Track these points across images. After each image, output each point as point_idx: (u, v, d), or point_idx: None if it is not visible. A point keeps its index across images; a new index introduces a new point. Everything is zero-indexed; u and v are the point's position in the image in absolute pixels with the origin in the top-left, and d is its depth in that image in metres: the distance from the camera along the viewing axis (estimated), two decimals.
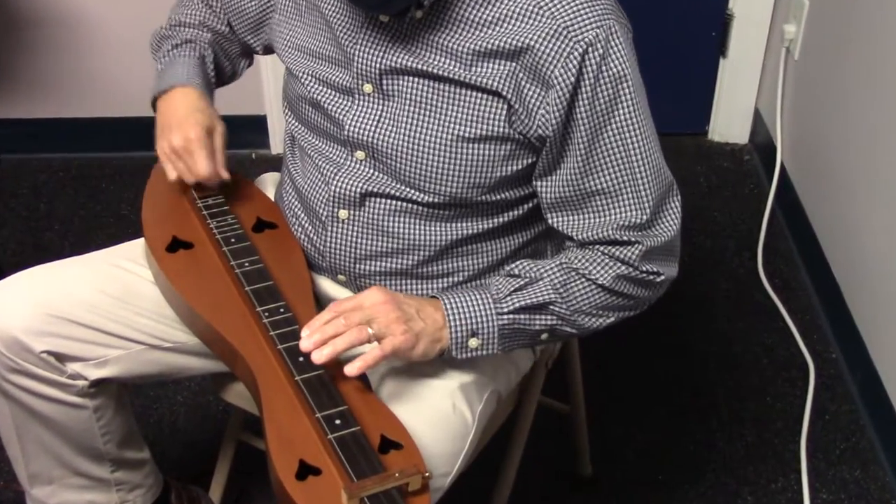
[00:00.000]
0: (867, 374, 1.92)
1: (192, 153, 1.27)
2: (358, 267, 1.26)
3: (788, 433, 1.89)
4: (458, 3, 1.13)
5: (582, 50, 1.09)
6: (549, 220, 1.21)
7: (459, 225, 1.23)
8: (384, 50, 1.17)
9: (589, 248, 1.18)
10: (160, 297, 1.28)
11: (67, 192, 2.53)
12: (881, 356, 1.89)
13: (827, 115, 2.22)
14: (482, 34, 1.12)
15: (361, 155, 1.22)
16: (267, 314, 1.16)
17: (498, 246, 1.26)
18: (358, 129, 1.21)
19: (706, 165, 2.66)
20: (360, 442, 1.01)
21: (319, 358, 1.06)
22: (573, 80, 1.09)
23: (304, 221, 1.31)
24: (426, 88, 1.16)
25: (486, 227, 1.24)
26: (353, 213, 1.24)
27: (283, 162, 1.40)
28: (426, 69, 1.14)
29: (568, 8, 1.10)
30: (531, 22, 1.10)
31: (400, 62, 1.16)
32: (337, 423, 1.03)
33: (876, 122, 1.95)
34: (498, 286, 1.17)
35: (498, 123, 1.14)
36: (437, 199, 1.20)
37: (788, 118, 2.48)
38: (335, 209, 1.25)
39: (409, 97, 1.17)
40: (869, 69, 1.99)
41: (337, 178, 1.23)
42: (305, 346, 1.08)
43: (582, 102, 1.11)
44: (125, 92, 2.55)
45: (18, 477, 1.36)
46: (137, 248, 1.35)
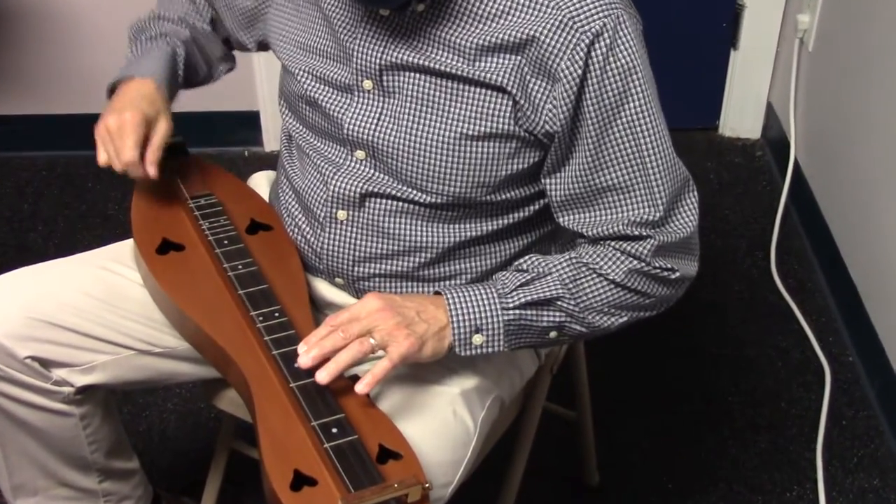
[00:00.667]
0: (886, 377, 1.92)
1: (121, 136, 1.26)
2: (356, 269, 1.26)
3: (804, 440, 1.89)
4: None
5: (588, 41, 1.09)
6: (559, 219, 1.21)
7: (462, 226, 1.23)
8: (384, 45, 1.17)
9: (600, 243, 1.18)
10: (149, 300, 1.28)
11: (52, 191, 2.53)
12: None
13: (843, 108, 2.22)
14: (486, 28, 1.12)
15: (361, 154, 1.22)
16: (261, 318, 1.16)
17: (502, 248, 1.26)
18: (357, 127, 1.21)
19: (717, 161, 2.66)
20: (357, 451, 1.01)
21: (324, 378, 1.06)
22: (580, 72, 1.09)
23: (300, 222, 1.31)
24: (428, 85, 1.16)
25: (490, 228, 1.24)
26: (351, 213, 1.24)
27: (278, 161, 1.40)
28: (428, 65, 1.15)
29: None
30: (536, 13, 1.10)
31: (401, 58, 1.16)
32: (333, 431, 1.03)
33: (895, 114, 1.95)
34: (504, 281, 1.17)
35: (503, 120, 1.14)
36: (439, 199, 1.20)
37: (802, 112, 2.48)
38: (333, 210, 1.25)
39: (410, 94, 1.17)
40: (887, 60, 1.99)
41: (336, 178, 1.24)
42: (304, 362, 1.08)
43: (589, 96, 1.11)
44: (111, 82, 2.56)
45: (1, 488, 1.36)
46: (126, 249, 1.35)
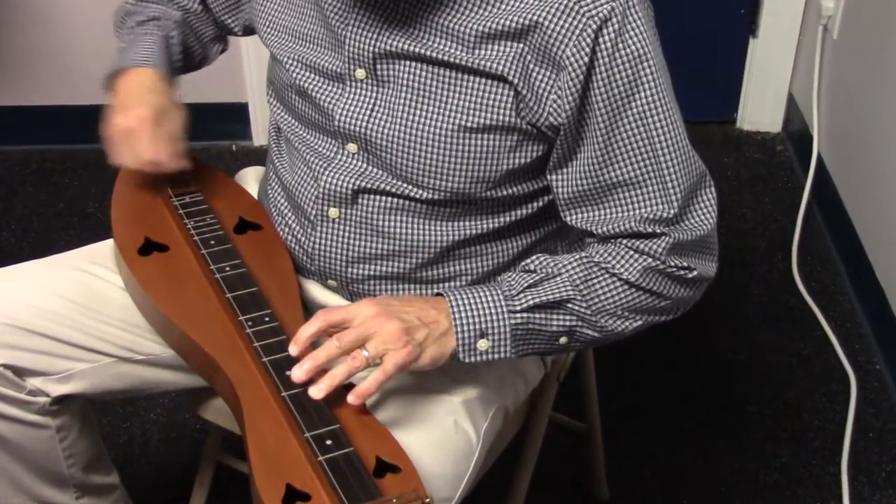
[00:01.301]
0: None
1: (137, 135, 1.26)
2: (350, 271, 1.26)
3: (828, 454, 1.90)
4: None
5: (596, 26, 1.09)
6: (565, 217, 1.21)
7: (462, 224, 1.23)
8: (378, 31, 1.17)
9: (611, 242, 1.18)
10: (131, 304, 1.28)
11: (27, 188, 2.53)
12: None
13: (869, 99, 2.22)
14: (485, 13, 1.13)
15: (353, 148, 1.23)
16: (250, 323, 1.16)
17: (504, 247, 1.26)
18: (349, 119, 1.21)
19: (734, 157, 2.66)
20: (353, 464, 1.01)
21: (317, 394, 1.07)
22: (587, 60, 1.10)
23: (290, 221, 1.31)
24: (425, 74, 1.16)
25: (491, 226, 1.24)
26: (344, 211, 1.24)
27: (267, 155, 1.40)
28: (425, 53, 1.15)
29: None
30: None
31: (396, 45, 1.16)
32: (328, 443, 1.03)
33: None
34: (510, 282, 1.16)
35: (504, 111, 1.15)
36: (436, 195, 1.20)
37: (826, 104, 2.48)
38: (325, 207, 1.25)
39: (405, 83, 1.17)
40: None
41: (326, 173, 1.24)
42: (298, 376, 1.08)
43: (597, 85, 1.11)
44: (92, 77, 2.54)
45: None
46: (105, 250, 1.35)
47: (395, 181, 1.21)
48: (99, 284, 1.30)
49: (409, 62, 1.16)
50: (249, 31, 1.43)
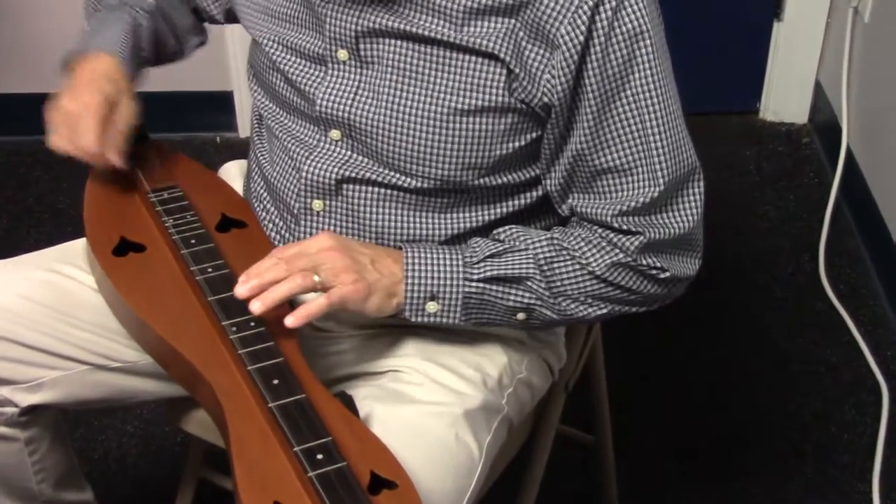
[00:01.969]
0: None
1: (79, 121, 1.26)
2: None
3: (857, 469, 1.90)
4: None
5: (593, 3, 1.10)
6: (559, 208, 1.22)
7: (454, 216, 1.24)
8: (361, 8, 1.18)
9: (588, 227, 1.20)
10: (105, 307, 1.28)
11: None
12: None
13: None
14: None
15: (337, 134, 1.24)
16: (235, 329, 1.16)
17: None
18: (331, 103, 1.22)
19: (757, 150, 2.66)
20: (346, 480, 1.01)
21: (257, 308, 1.11)
22: (582, 39, 1.10)
23: (274, 216, 1.32)
24: (411, 53, 1.17)
25: (485, 218, 1.25)
26: (329, 203, 1.25)
27: (250, 146, 1.41)
28: (410, 30, 1.15)
29: None
30: None
31: (379, 22, 1.17)
32: (319, 457, 1.03)
33: None
34: (474, 247, 1.20)
35: (496, 92, 1.15)
36: (426, 183, 1.21)
37: (856, 92, 2.48)
38: (308, 200, 1.26)
39: (390, 64, 1.18)
40: None
41: (308, 162, 1.25)
42: (241, 292, 1.12)
43: (591, 65, 1.12)
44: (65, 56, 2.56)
45: None
46: (78, 249, 1.35)
47: (381, 169, 1.22)
48: (72, 286, 1.30)
49: (393, 41, 1.17)
50: (232, 17, 1.43)
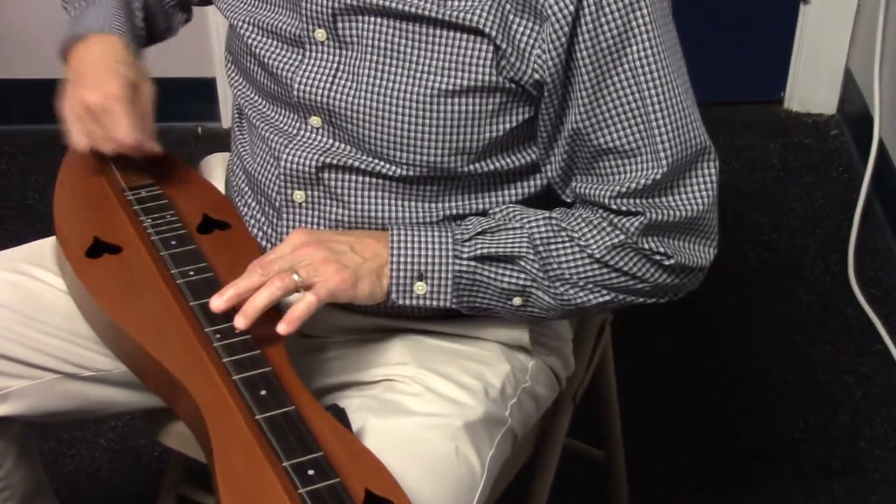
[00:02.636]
0: None
1: (111, 113, 1.27)
2: None
3: (889, 488, 1.90)
4: None
5: None
6: (562, 195, 1.23)
7: (444, 205, 1.25)
8: None
9: (589, 208, 1.21)
10: (76, 312, 1.29)
11: None
12: None
13: None
14: None
15: (317, 121, 1.24)
16: (218, 336, 1.16)
17: None
18: (309, 87, 1.23)
19: (781, 142, 2.67)
20: (339, 497, 1.02)
21: (241, 323, 1.11)
22: (572, 9, 1.11)
23: (255, 211, 1.33)
24: (392, 31, 1.18)
25: (478, 206, 1.26)
26: (310, 194, 1.26)
27: (231, 138, 1.41)
28: (390, 5, 1.16)
29: None
30: None
31: None
32: (310, 473, 1.03)
33: None
34: (465, 224, 1.21)
35: (483, 70, 1.16)
36: (412, 171, 1.22)
37: (890, 81, 2.48)
38: (289, 191, 1.26)
39: (371, 43, 1.19)
40: None
41: (287, 151, 1.25)
42: (217, 305, 1.12)
43: (583, 37, 1.12)
44: (33, 50, 2.56)
45: None
46: (47, 249, 1.35)
47: (364, 157, 1.22)
48: (40, 289, 1.30)
49: (373, 18, 1.18)
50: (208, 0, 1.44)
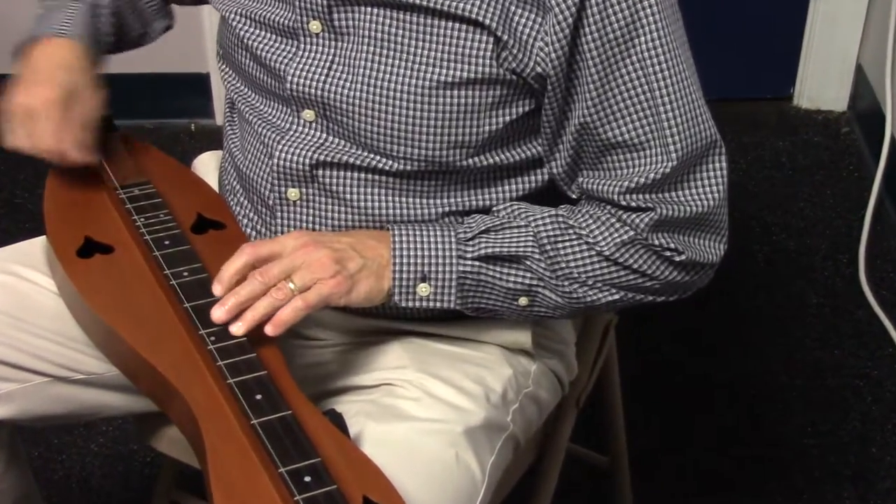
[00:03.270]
0: None
1: (37, 117, 1.27)
2: None
3: None
4: None
5: None
6: (568, 192, 1.23)
7: (442, 201, 1.25)
8: None
9: (596, 204, 1.21)
10: (67, 314, 1.29)
11: None
12: None
13: None
14: None
15: (310, 115, 1.24)
16: (213, 338, 1.16)
17: None
18: (304, 80, 1.23)
19: (791, 140, 2.67)
20: None
21: (240, 329, 1.12)
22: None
23: (248, 210, 1.33)
24: (389, 21, 1.18)
25: (477, 201, 1.26)
26: (305, 191, 1.26)
27: (223, 135, 1.41)
28: None
29: None
30: None
31: None
32: (306, 480, 1.03)
33: None
34: (469, 223, 1.21)
35: (482, 62, 1.16)
36: (409, 165, 1.22)
37: None
38: (282, 189, 1.26)
39: (367, 34, 1.19)
40: None
41: (280, 146, 1.25)
42: (219, 315, 1.13)
43: (589, 29, 1.12)
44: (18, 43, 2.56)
45: None
46: (37, 249, 1.35)
47: (359, 152, 1.22)
48: (30, 290, 1.30)
49: (370, 8, 1.18)
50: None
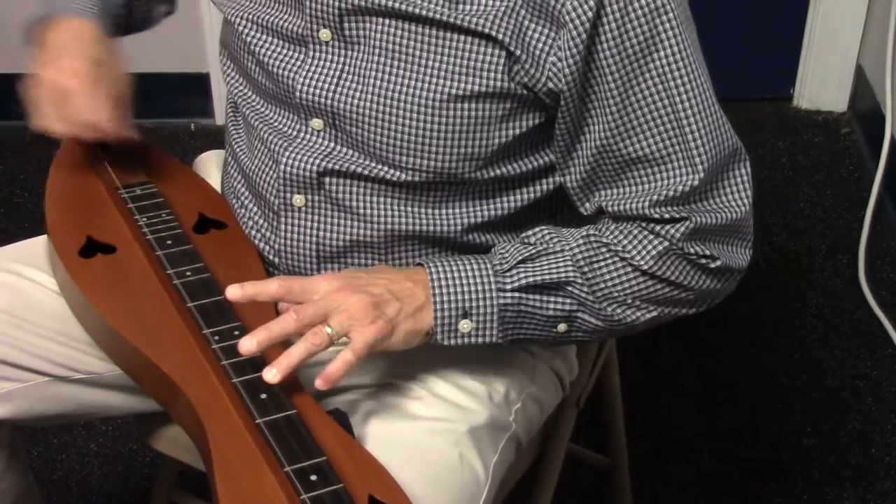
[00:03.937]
0: None
1: (70, 92, 1.26)
2: (323, 269, 1.28)
3: None
4: None
5: None
6: (581, 207, 1.23)
7: (448, 211, 1.25)
8: None
9: (626, 221, 1.20)
10: (68, 313, 1.29)
11: None
12: None
13: None
14: None
15: (319, 124, 1.25)
16: (217, 338, 1.17)
17: (505, 239, 1.28)
18: (313, 89, 1.23)
19: (791, 141, 2.67)
20: None
21: (273, 377, 1.10)
22: (591, 15, 1.11)
23: (254, 213, 1.33)
24: (400, 32, 1.18)
25: (486, 215, 1.26)
26: (310, 198, 1.26)
27: (225, 136, 1.42)
28: (399, 7, 1.17)
29: None
30: None
31: None
32: (312, 479, 1.04)
33: None
34: (503, 254, 1.20)
35: (494, 75, 1.17)
36: (417, 176, 1.22)
37: None
38: (288, 195, 1.27)
39: (378, 45, 1.20)
40: None
41: (287, 154, 1.26)
42: (248, 348, 1.10)
43: (606, 44, 1.13)
44: (19, 41, 2.56)
45: None
46: (38, 249, 1.36)
47: (367, 162, 1.23)
48: (31, 289, 1.31)
49: (382, 19, 1.18)
50: None
